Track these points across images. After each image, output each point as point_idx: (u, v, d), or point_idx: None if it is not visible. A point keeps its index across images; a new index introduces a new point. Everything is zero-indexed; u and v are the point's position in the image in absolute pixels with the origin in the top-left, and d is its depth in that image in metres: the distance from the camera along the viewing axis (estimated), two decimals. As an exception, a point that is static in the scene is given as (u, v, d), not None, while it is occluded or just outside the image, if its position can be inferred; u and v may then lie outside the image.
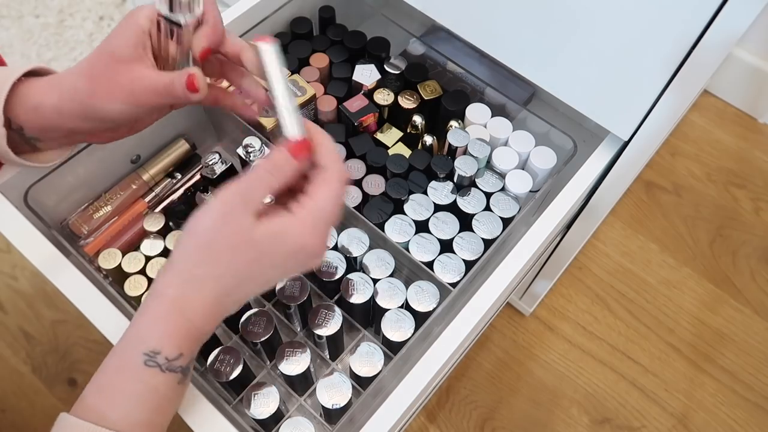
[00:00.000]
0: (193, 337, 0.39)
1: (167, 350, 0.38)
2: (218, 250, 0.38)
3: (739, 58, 1.18)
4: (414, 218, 0.57)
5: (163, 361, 0.38)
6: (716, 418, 0.94)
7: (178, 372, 0.39)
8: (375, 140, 0.63)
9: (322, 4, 0.71)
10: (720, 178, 1.16)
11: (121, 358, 0.38)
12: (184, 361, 0.39)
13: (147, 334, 0.38)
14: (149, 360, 0.37)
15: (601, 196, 0.64)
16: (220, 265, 0.38)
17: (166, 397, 0.39)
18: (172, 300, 0.38)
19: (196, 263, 0.38)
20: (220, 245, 0.38)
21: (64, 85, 0.45)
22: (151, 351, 0.38)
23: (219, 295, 0.39)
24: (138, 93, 0.43)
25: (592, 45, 0.53)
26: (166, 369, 0.38)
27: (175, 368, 0.38)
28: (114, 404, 0.37)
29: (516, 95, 0.69)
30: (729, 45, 0.47)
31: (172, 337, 0.38)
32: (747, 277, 1.06)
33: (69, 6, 1.39)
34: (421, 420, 0.93)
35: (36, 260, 0.49)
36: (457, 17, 0.61)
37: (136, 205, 0.60)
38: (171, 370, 0.38)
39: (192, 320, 0.38)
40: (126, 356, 0.38)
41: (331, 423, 0.52)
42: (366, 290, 0.53)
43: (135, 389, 0.38)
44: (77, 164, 0.56)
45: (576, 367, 0.98)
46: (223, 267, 0.38)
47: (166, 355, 0.38)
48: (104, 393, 0.38)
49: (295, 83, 0.62)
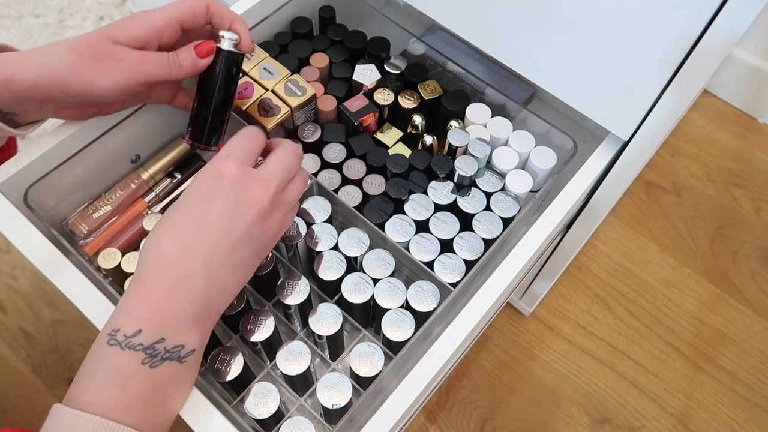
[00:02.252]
0: (152, 311, 0.39)
1: (126, 326, 0.38)
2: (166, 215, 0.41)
3: (739, 58, 1.18)
4: (414, 218, 0.57)
5: (122, 339, 0.38)
6: (716, 418, 0.94)
7: (139, 350, 0.38)
8: (375, 140, 0.63)
9: (322, 4, 0.71)
10: (720, 178, 1.16)
11: (94, 344, 0.40)
12: (145, 338, 0.38)
13: (112, 316, 0.40)
14: (110, 339, 0.38)
15: (601, 196, 0.64)
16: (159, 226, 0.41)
17: (132, 378, 0.38)
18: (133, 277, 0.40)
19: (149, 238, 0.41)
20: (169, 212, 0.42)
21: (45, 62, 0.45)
22: (112, 329, 0.39)
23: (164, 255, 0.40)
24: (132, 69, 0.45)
25: (592, 45, 0.53)
26: (125, 346, 0.38)
27: (135, 345, 0.38)
28: (84, 385, 0.38)
29: (516, 95, 0.69)
30: (729, 45, 0.47)
31: (129, 313, 0.39)
32: (747, 277, 1.06)
33: (69, 6, 1.39)
34: (421, 420, 0.93)
35: (36, 260, 0.49)
36: (457, 17, 0.61)
37: (136, 204, 0.60)
38: (130, 347, 0.38)
39: (146, 290, 0.39)
40: (97, 340, 0.39)
41: (331, 423, 0.52)
42: (366, 290, 0.53)
43: (98, 368, 0.38)
44: (77, 164, 0.56)
45: (576, 367, 0.98)
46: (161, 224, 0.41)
47: (125, 331, 0.38)
48: (78, 377, 0.39)
49: (295, 83, 0.62)
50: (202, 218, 0.41)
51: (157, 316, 0.39)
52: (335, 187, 0.60)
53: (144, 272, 0.40)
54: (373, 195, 0.59)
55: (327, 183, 0.60)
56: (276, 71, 0.63)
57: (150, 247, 0.41)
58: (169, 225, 0.41)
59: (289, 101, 0.61)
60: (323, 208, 0.57)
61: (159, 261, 0.40)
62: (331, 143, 0.62)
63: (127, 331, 0.38)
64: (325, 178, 0.60)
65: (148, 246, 0.41)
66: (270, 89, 0.62)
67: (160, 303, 0.39)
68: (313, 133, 0.63)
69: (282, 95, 0.62)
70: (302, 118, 0.63)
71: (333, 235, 0.55)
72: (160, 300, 0.39)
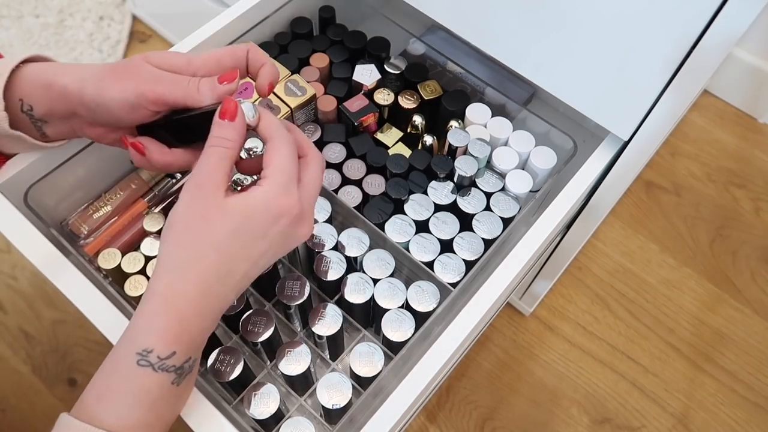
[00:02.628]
0: (186, 332, 0.38)
1: (159, 348, 0.37)
2: (193, 228, 0.38)
3: (739, 58, 1.18)
4: (414, 218, 0.57)
5: (155, 360, 0.37)
6: (716, 418, 0.94)
7: (171, 372, 0.38)
8: (375, 140, 0.63)
9: (322, 4, 0.71)
10: (720, 178, 1.16)
11: (116, 359, 0.38)
12: (178, 360, 0.38)
13: (140, 333, 0.38)
14: (141, 359, 0.37)
15: (601, 196, 0.64)
16: (198, 243, 0.38)
17: (161, 398, 0.38)
18: (161, 294, 0.38)
19: (175, 248, 0.38)
20: (194, 223, 0.38)
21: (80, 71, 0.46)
22: (143, 350, 0.37)
23: (207, 280, 0.39)
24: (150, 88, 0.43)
25: (592, 45, 0.53)
26: (159, 368, 0.37)
27: (168, 367, 0.38)
28: (108, 406, 0.37)
29: (516, 95, 0.69)
30: (729, 45, 0.47)
31: (163, 334, 0.37)
32: (747, 277, 1.06)
33: (69, 6, 1.39)
34: (421, 420, 0.93)
35: (36, 260, 0.49)
36: (457, 17, 0.61)
37: (136, 205, 0.60)
38: (164, 370, 0.38)
39: (183, 312, 0.38)
40: (120, 357, 0.38)
41: (331, 423, 0.52)
42: (366, 290, 0.53)
43: (128, 390, 0.37)
44: (77, 164, 0.56)
45: (576, 367, 0.98)
46: (202, 245, 0.38)
47: (158, 353, 0.37)
48: (100, 395, 0.38)
49: (295, 83, 0.62)
50: (251, 248, 0.40)
51: (190, 337, 0.39)
52: (335, 187, 0.60)
53: (183, 293, 0.38)
54: (373, 195, 0.59)
55: (327, 183, 0.60)
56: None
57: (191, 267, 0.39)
58: (214, 247, 0.39)
59: (289, 101, 0.61)
60: (323, 208, 0.57)
61: (202, 284, 0.39)
62: (331, 143, 0.62)
63: (162, 353, 0.37)
64: (325, 178, 0.60)
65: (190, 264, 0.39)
66: (270, 89, 0.62)
67: (194, 326, 0.39)
68: (313, 133, 0.63)
69: (282, 95, 0.62)
70: (302, 118, 0.63)
71: (333, 235, 0.55)
72: (195, 323, 0.39)
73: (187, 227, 0.39)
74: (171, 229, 0.39)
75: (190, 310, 0.38)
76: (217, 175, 0.40)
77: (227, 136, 0.41)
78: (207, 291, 0.39)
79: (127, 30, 1.37)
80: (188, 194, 0.40)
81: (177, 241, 0.39)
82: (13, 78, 0.46)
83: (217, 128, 0.41)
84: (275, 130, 0.42)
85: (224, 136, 0.41)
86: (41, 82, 0.46)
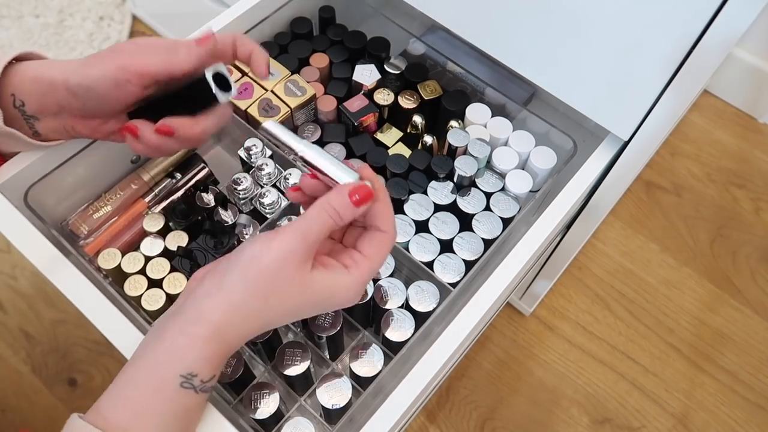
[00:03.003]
0: (226, 358, 0.40)
1: (204, 373, 0.38)
2: (275, 288, 0.38)
3: (739, 58, 1.18)
4: (414, 218, 0.57)
5: (198, 384, 0.38)
6: (716, 418, 0.94)
7: (208, 392, 0.40)
8: (375, 140, 0.63)
9: (322, 4, 0.71)
10: (720, 178, 1.16)
11: (155, 377, 0.38)
12: (215, 381, 0.40)
13: (185, 356, 0.38)
14: (185, 382, 0.38)
15: (601, 196, 0.64)
16: (272, 302, 0.39)
17: (195, 417, 0.40)
18: (217, 326, 0.38)
19: (250, 297, 0.38)
20: (278, 285, 0.38)
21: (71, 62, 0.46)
22: (188, 373, 0.38)
23: (263, 327, 0.40)
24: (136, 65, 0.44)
25: (592, 45, 0.53)
26: (199, 390, 0.38)
27: (207, 389, 0.39)
28: (147, 424, 0.37)
29: (516, 95, 0.69)
30: (729, 45, 0.47)
31: (210, 361, 0.38)
32: (747, 277, 1.06)
33: (69, 6, 1.39)
34: (421, 420, 0.93)
35: (36, 260, 0.49)
36: (457, 17, 0.61)
37: (136, 205, 0.60)
38: (203, 392, 0.39)
39: (231, 345, 0.39)
40: (161, 376, 0.38)
41: (331, 423, 0.52)
42: (366, 290, 0.53)
43: (169, 410, 0.38)
44: (77, 164, 0.56)
45: (576, 367, 0.98)
46: (275, 305, 0.39)
47: (202, 378, 0.38)
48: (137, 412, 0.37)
49: (295, 83, 0.62)
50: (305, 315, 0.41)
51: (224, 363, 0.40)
52: (335, 187, 0.60)
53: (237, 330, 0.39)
54: (373, 195, 0.59)
55: (327, 183, 0.60)
56: (276, 71, 0.63)
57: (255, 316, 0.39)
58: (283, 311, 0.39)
59: (289, 101, 0.61)
60: (323, 208, 0.57)
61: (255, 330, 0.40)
62: (331, 143, 0.62)
63: (205, 377, 0.38)
64: (325, 178, 0.60)
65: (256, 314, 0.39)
66: (270, 89, 0.62)
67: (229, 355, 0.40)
68: (313, 133, 0.63)
69: (282, 95, 0.62)
70: (302, 118, 0.63)
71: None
72: (230, 353, 0.40)
73: (269, 284, 0.38)
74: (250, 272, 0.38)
75: (235, 343, 0.39)
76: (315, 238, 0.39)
77: (342, 213, 0.39)
78: (257, 332, 0.40)
79: (127, 30, 1.37)
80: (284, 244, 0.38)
81: (253, 290, 0.38)
82: (5, 75, 0.46)
83: (340, 199, 0.39)
84: (391, 226, 0.41)
85: (339, 211, 0.39)
86: (31, 77, 0.46)
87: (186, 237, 0.57)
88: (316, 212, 0.39)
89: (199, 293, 0.39)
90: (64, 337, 0.99)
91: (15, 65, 0.47)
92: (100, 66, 0.44)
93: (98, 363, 0.97)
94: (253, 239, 0.39)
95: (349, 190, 0.39)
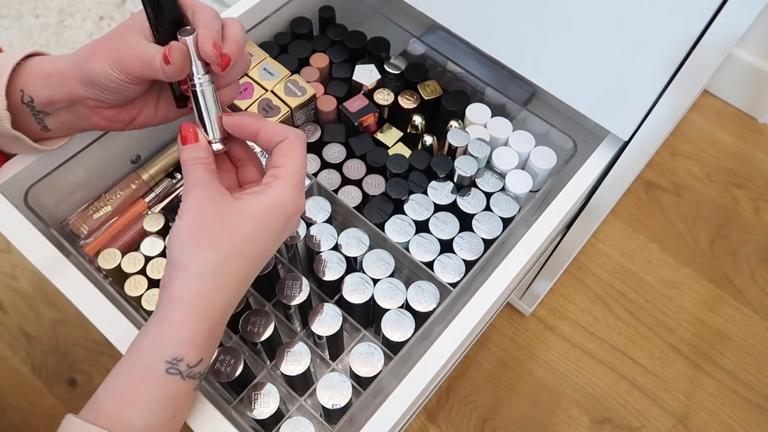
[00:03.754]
0: (213, 339, 0.40)
1: (190, 357, 0.38)
2: (213, 231, 0.38)
3: (739, 58, 1.18)
4: (414, 218, 0.57)
5: (184, 368, 0.38)
6: (716, 418, 0.94)
7: (196, 378, 0.39)
8: (375, 140, 0.63)
9: (322, 4, 0.71)
10: (720, 178, 1.16)
11: (141, 366, 0.38)
12: (203, 366, 0.39)
13: (170, 341, 0.38)
14: (171, 368, 0.38)
15: (601, 196, 0.64)
16: (222, 246, 0.39)
17: (184, 404, 0.40)
18: (191, 302, 0.38)
19: (199, 252, 0.38)
20: (212, 226, 0.38)
21: (75, 53, 0.46)
22: (173, 359, 0.38)
23: (235, 286, 0.40)
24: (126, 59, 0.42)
25: (592, 45, 0.53)
26: (186, 376, 0.38)
27: (195, 375, 0.39)
28: (137, 412, 0.37)
29: (516, 95, 0.69)
30: (729, 45, 0.47)
31: (194, 343, 0.38)
32: (747, 277, 1.06)
33: (69, 6, 1.39)
34: (421, 420, 0.93)
35: (36, 260, 0.49)
36: (457, 17, 0.61)
37: (136, 205, 0.60)
38: (191, 377, 0.39)
39: (213, 320, 0.39)
40: (147, 364, 0.38)
41: (331, 423, 0.52)
42: (366, 290, 0.53)
43: (156, 397, 0.38)
44: (77, 164, 0.56)
45: (576, 367, 0.98)
46: (226, 247, 0.39)
47: (188, 362, 0.38)
48: (124, 402, 0.37)
49: (295, 83, 0.62)
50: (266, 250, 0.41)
51: (215, 342, 0.40)
52: (335, 187, 0.60)
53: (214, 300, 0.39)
54: (373, 195, 0.59)
55: (327, 183, 0.60)
56: (276, 71, 0.63)
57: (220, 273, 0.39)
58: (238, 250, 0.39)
59: (289, 101, 0.61)
60: (323, 208, 0.57)
61: (231, 291, 0.40)
62: (331, 143, 0.62)
63: (191, 361, 0.38)
64: (325, 178, 0.60)
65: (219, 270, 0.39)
66: (270, 89, 0.62)
67: (219, 331, 0.40)
68: (313, 133, 0.63)
69: (282, 95, 0.62)
70: (302, 118, 0.63)
71: (333, 235, 0.55)
72: (220, 329, 0.40)
73: (207, 230, 0.38)
74: (188, 233, 0.38)
75: (218, 318, 0.39)
76: (214, 181, 0.40)
77: (194, 155, 0.41)
78: (234, 297, 0.40)
79: (127, 30, 1.37)
80: (193, 197, 0.39)
81: (198, 245, 0.38)
82: (14, 74, 0.46)
83: (186, 153, 0.41)
84: (284, 131, 0.42)
85: (189, 158, 0.41)
86: (42, 73, 0.46)
87: (186, 237, 0.57)
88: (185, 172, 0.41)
89: (164, 282, 0.39)
90: (64, 337, 0.99)
91: (23, 64, 0.47)
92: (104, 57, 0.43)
93: (98, 363, 0.97)
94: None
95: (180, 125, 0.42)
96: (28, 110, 0.47)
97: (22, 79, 0.46)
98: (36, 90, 0.46)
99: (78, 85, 0.45)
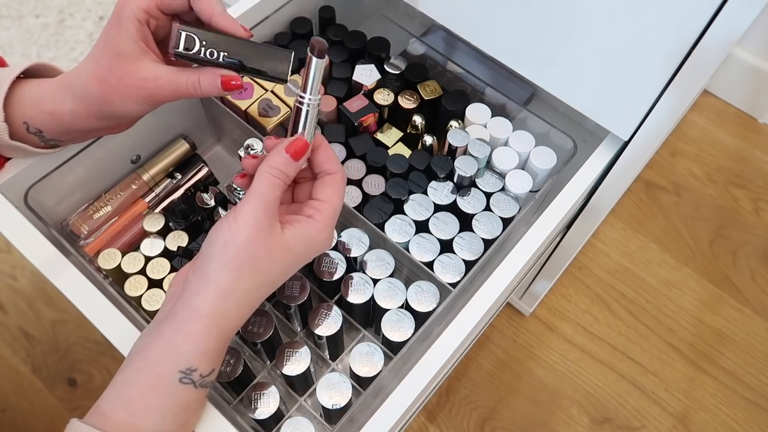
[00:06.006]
0: (224, 349, 0.40)
1: (203, 367, 0.39)
2: (258, 262, 0.39)
3: (739, 58, 1.18)
4: (414, 218, 0.57)
5: (197, 378, 0.39)
6: (716, 418, 0.94)
7: (208, 387, 0.40)
8: (375, 140, 0.63)
9: (322, 4, 0.71)
10: (720, 178, 1.16)
11: (153, 374, 0.38)
12: (214, 375, 0.40)
13: (183, 352, 0.38)
14: (185, 377, 0.38)
15: (601, 196, 0.64)
16: (260, 275, 0.40)
17: (195, 411, 0.40)
18: (210, 318, 0.38)
19: (238, 280, 0.39)
20: (259, 258, 0.39)
21: (77, 91, 0.45)
22: (187, 368, 0.38)
23: (256, 303, 0.41)
24: (157, 94, 0.43)
25: (592, 45, 0.53)
26: (199, 385, 0.39)
27: (207, 384, 0.40)
28: (148, 420, 0.37)
29: (516, 95, 0.69)
30: (729, 45, 0.47)
31: (208, 355, 0.39)
32: (747, 277, 1.06)
33: (69, 6, 1.39)
34: (421, 420, 0.93)
35: (36, 260, 0.49)
36: (457, 17, 0.61)
37: (136, 205, 0.60)
38: (203, 386, 0.39)
39: (227, 334, 0.40)
40: (159, 373, 0.38)
41: (331, 423, 0.52)
42: (366, 290, 0.53)
43: (168, 405, 0.38)
44: (77, 164, 0.56)
45: (576, 367, 0.98)
46: (263, 277, 0.40)
47: (201, 372, 0.39)
48: (136, 408, 0.37)
49: (295, 83, 0.62)
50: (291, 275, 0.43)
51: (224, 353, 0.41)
52: (335, 187, 0.60)
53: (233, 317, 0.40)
54: (373, 195, 0.59)
55: (327, 183, 0.60)
56: None
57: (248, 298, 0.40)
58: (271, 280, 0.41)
59: (289, 101, 0.61)
60: (323, 208, 0.57)
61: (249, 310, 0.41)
62: (331, 143, 0.62)
63: (204, 371, 0.39)
64: (325, 178, 0.60)
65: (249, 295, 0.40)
66: (270, 89, 0.62)
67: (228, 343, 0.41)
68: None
69: (282, 95, 0.62)
70: (302, 118, 0.63)
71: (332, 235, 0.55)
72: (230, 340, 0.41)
73: (252, 259, 0.39)
74: (233, 255, 0.39)
75: (233, 331, 0.40)
76: (276, 204, 0.40)
77: (286, 171, 0.41)
78: (250, 313, 0.41)
79: (127, 30, 1.37)
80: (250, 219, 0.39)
81: (240, 271, 0.39)
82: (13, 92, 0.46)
83: (279, 159, 0.41)
84: (336, 165, 0.44)
85: (282, 170, 0.41)
86: (43, 109, 0.46)
87: (186, 237, 0.57)
88: (264, 178, 0.40)
89: (188, 294, 0.39)
90: (64, 337, 0.99)
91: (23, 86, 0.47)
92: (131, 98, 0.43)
93: (98, 363, 0.97)
94: (218, 225, 0.40)
95: (285, 147, 0.41)
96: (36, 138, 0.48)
97: (24, 110, 0.46)
98: (44, 126, 0.47)
99: (97, 121, 0.46)
